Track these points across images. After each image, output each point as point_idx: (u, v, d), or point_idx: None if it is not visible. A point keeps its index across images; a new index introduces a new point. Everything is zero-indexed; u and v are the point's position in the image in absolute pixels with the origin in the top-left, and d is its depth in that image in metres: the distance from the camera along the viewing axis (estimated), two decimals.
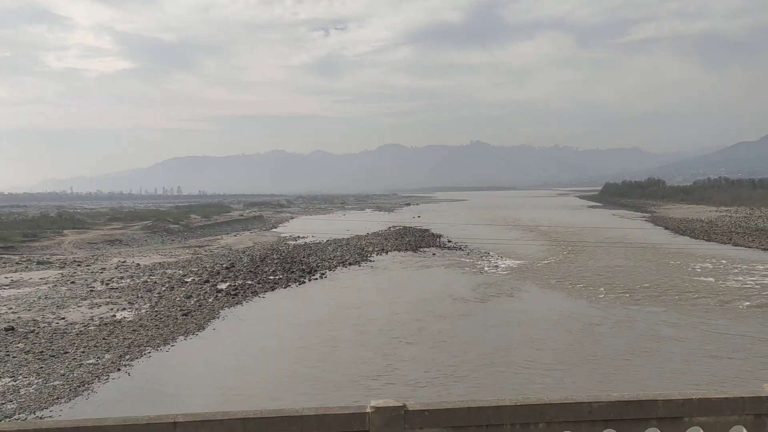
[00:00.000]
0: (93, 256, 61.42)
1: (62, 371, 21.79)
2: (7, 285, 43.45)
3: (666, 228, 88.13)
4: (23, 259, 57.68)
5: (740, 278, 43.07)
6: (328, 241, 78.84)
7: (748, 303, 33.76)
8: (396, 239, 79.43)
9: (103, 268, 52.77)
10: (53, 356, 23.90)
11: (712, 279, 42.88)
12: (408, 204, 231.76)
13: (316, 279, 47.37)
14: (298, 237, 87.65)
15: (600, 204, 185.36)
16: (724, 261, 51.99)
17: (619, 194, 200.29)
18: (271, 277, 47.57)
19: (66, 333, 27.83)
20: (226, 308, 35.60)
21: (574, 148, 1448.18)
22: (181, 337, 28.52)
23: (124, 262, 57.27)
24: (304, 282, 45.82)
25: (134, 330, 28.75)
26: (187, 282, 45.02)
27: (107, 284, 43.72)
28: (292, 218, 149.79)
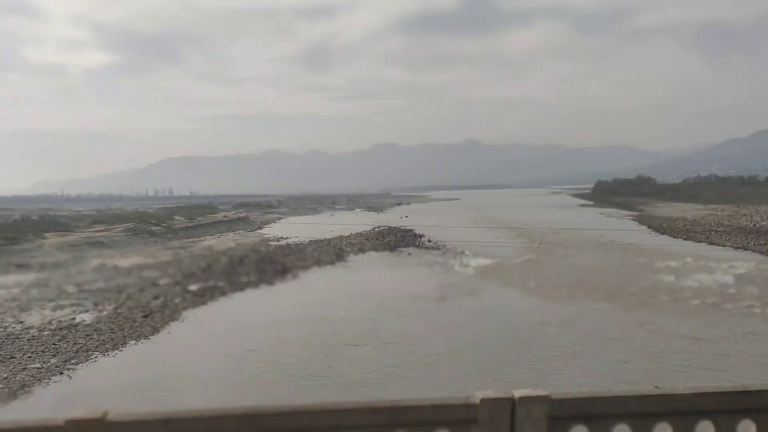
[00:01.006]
0: (74, 258, 61.75)
1: (5, 375, 22.26)
2: None
3: (649, 227, 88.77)
4: (1, 263, 57.94)
5: (700, 277, 43.68)
6: (310, 241, 79.27)
7: (697, 302, 34.32)
8: (377, 239, 79.95)
9: (81, 271, 53.16)
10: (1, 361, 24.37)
11: (672, 278, 43.48)
12: (399, 204, 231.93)
13: (287, 280, 47.85)
14: (282, 238, 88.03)
15: (591, 202, 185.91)
16: (690, 259, 52.60)
17: (610, 192, 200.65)
18: (244, 278, 48.01)
19: (18, 338, 28.26)
20: (190, 309, 36.07)
21: (567, 145, 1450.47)
22: (132, 342, 28.95)
23: (104, 264, 57.64)
24: (275, 283, 46.30)
25: (87, 335, 29.24)
26: (159, 284, 45.43)
27: (80, 287, 44.10)
28: (279, 219, 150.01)
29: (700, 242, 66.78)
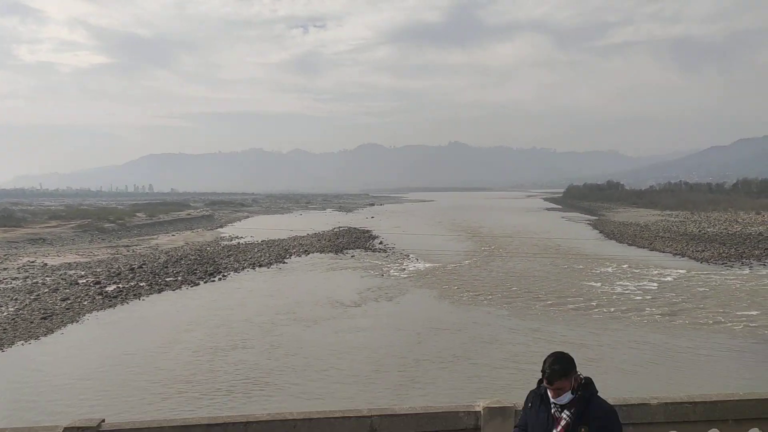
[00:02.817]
0: (5, 255, 60.44)
1: None
2: None
3: (601, 232, 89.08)
4: None
5: (627, 283, 43.62)
6: (262, 241, 78.67)
7: (605, 310, 34.13)
8: (329, 240, 79.36)
9: (5, 268, 51.96)
10: None
11: (599, 284, 43.38)
12: (372, 204, 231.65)
13: (214, 281, 47.07)
14: (236, 237, 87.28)
15: (559, 206, 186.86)
16: (625, 265, 52.66)
17: (579, 197, 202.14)
18: (169, 279, 47.18)
19: None
20: (96, 311, 35.23)
21: (553, 149, 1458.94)
22: (21, 342, 28.15)
23: (33, 262, 56.46)
24: (198, 284, 45.48)
25: None
26: (79, 283, 44.46)
27: None
28: (246, 218, 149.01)
29: (643, 248, 67.01)
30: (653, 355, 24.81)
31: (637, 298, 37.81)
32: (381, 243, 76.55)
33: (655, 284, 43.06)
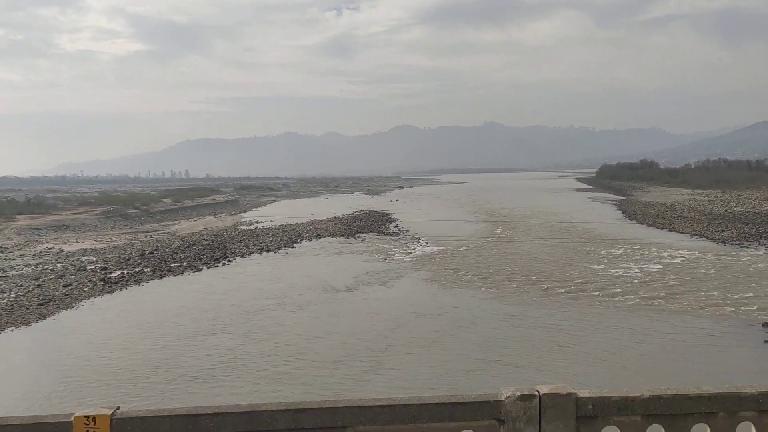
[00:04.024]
0: (25, 242, 62.31)
1: None
2: None
3: (623, 212, 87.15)
4: None
5: (632, 265, 42.66)
6: (280, 226, 79.33)
7: (598, 293, 33.45)
8: (345, 224, 79.46)
9: (22, 255, 53.57)
10: None
11: (602, 267, 42.55)
12: (401, 187, 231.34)
13: (218, 266, 47.69)
14: (256, 222, 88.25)
15: (590, 187, 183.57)
16: (637, 247, 51.52)
17: (611, 177, 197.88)
18: (175, 265, 47.96)
19: None
20: (94, 297, 36.08)
21: (592, 128, 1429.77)
22: (12, 328, 29.04)
23: (51, 248, 58.07)
24: (202, 269, 46.13)
25: None
26: (86, 270, 45.56)
27: (4, 272, 44.36)
28: (273, 202, 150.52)
29: (662, 229, 65.33)
30: (628, 340, 24.25)
31: (635, 281, 36.94)
32: (396, 226, 76.43)
33: (660, 266, 42.02)
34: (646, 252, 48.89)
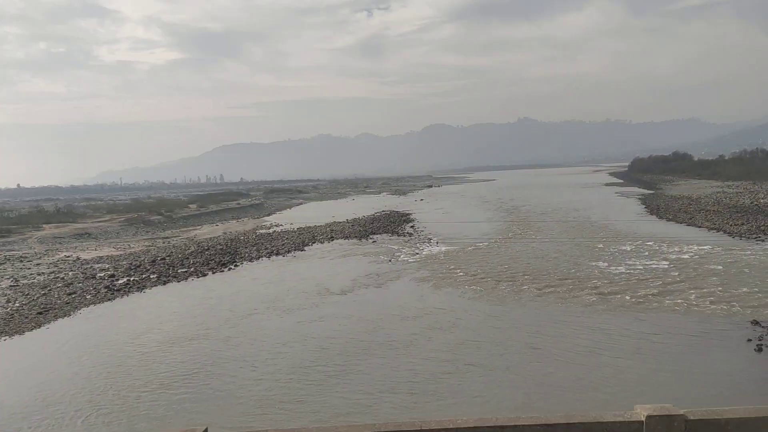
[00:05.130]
0: (46, 250, 64.02)
1: None
2: None
3: (646, 207, 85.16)
4: None
5: (635, 262, 41.62)
6: (299, 228, 79.99)
7: (599, 291, 32.70)
8: (362, 226, 79.43)
9: (39, 264, 55.03)
10: None
11: (605, 264, 41.62)
12: (430, 186, 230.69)
13: (224, 271, 48.19)
14: (276, 225, 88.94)
15: (621, 181, 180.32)
16: (650, 242, 50.26)
17: (643, 170, 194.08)
18: (182, 270, 48.65)
19: None
20: (93, 305, 36.79)
21: (628, 121, 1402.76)
22: (6, 337, 29.83)
23: (69, 256, 59.53)
24: (207, 275, 46.68)
25: None
26: (95, 277, 46.55)
27: (16, 281, 45.63)
28: (299, 205, 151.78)
29: (682, 223, 63.61)
30: (603, 342, 23.59)
31: (635, 279, 35.97)
32: (412, 227, 76.20)
33: (666, 263, 40.88)
34: (657, 248, 47.64)
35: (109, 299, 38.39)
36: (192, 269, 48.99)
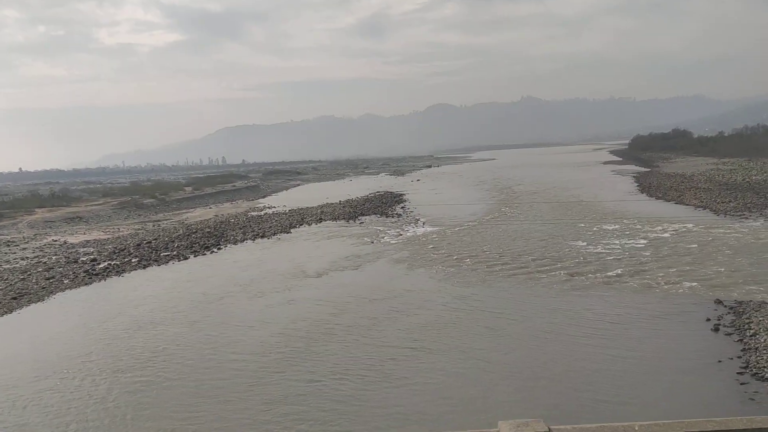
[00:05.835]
0: (35, 235, 64.18)
1: None
2: None
3: (639, 185, 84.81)
4: None
5: (614, 242, 41.55)
6: (290, 210, 79.93)
7: (569, 271, 32.67)
8: (353, 207, 79.28)
9: (25, 248, 55.20)
10: None
11: (584, 243, 41.55)
12: (429, 166, 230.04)
13: (206, 254, 48.25)
14: (268, 207, 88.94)
15: (620, 159, 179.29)
16: (631, 222, 50.12)
17: (643, 148, 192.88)
18: (165, 254, 48.71)
19: None
20: (70, 290, 36.89)
21: (632, 98, 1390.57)
22: None
23: (56, 241, 59.67)
24: (189, 258, 46.74)
25: None
26: (77, 261, 46.67)
27: None
28: (296, 186, 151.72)
29: (670, 201, 63.40)
30: (562, 323, 23.60)
31: (610, 258, 35.92)
32: (402, 208, 76.16)
33: (645, 241, 40.78)
34: (639, 227, 47.49)
35: (86, 284, 38.51)
36: (175, 253, 49.05)
